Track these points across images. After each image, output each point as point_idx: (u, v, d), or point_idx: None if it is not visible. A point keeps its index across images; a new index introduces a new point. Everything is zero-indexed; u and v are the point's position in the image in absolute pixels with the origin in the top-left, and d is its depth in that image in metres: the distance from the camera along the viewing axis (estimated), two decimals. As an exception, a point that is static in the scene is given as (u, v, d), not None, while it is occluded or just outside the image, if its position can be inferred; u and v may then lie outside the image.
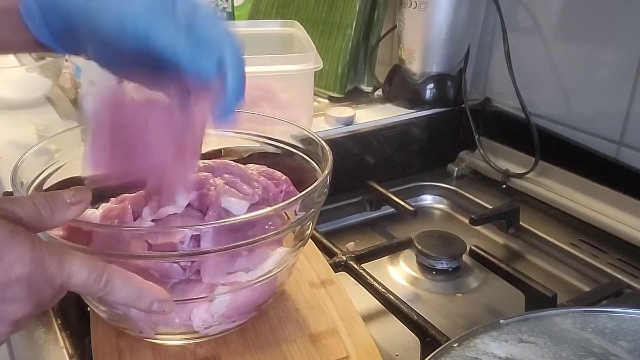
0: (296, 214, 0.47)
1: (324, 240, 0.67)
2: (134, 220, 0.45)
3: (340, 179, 0.60)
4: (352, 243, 0.74)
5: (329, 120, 0.85)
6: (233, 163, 0.53)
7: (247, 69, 0.46)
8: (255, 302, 0.47)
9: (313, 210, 0.47)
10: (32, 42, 0.42)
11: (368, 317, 0.60)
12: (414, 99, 0.92)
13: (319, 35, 0.97)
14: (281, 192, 0.52)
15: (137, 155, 0.43)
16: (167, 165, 0.43)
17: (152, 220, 0.46)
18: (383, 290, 0.58)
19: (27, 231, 0.35)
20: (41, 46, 0.43)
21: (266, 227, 0.45)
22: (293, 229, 0.47)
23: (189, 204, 0.47)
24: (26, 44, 0.43)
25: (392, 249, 0.70)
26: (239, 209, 0.48)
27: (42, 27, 0.41)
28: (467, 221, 0.79)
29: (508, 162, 0.89)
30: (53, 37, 0.42)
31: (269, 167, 0.55)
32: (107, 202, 0.52)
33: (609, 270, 0.68)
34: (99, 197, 0.50)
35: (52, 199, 0.38)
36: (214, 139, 0.60)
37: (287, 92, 0.81)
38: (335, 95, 0.97)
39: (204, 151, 0.46)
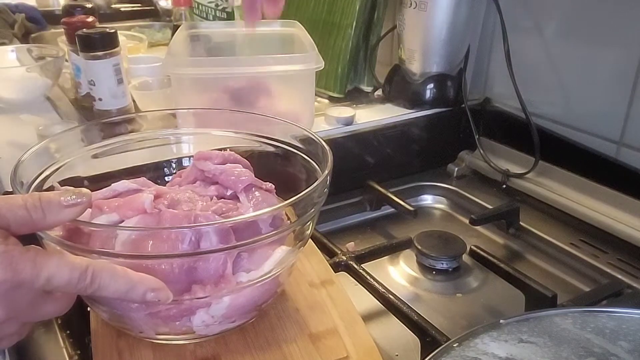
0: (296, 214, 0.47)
1: (324, 240, 0.67)
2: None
3: (340, 179, 0.60)
4: (352, 243, 0.74)
5: (329, 120, 0.85)
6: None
7: (248, 69, 0.46)
8: (256, 302, 0.47)
9: (313, 210, 0.47)
10: None
11: (368, 317, 0.60)
12: (414, 99, 0.92)
13: (319, 35, 0.97)
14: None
15: None
16: None
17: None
18: (383, 290, 0.58)
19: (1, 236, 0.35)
20: None
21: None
22: (293, 229, 0.48)
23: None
24: None
25: (392, 249, 0.70)
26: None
27: None
28: (467, 221, 0.79)
29: (508, 162, 0.89)
30: None
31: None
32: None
33: (609, 270, 0.68)
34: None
35: (46, 200, 0.37)
36: (215, 139, 0.60)
37: (287, 92, 0.80)
38: (335, 95, 0.97)
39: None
